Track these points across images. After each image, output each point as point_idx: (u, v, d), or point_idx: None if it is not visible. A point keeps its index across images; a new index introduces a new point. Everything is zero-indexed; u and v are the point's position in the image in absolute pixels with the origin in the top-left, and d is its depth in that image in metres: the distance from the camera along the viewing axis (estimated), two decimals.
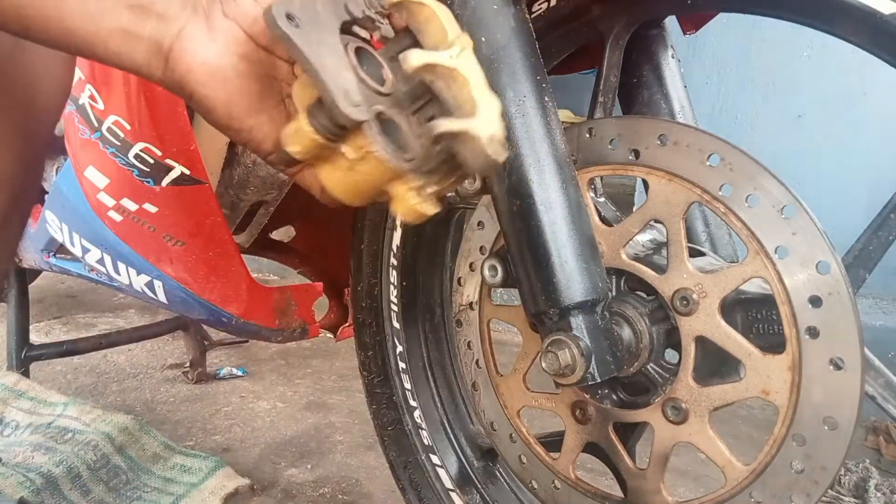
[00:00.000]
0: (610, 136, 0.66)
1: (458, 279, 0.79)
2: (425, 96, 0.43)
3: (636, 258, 0.66)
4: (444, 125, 0.41)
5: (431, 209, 0.45)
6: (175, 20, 0.44)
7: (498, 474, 0.94)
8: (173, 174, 0.94)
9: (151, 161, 0.93)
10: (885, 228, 0.61)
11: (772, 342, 0.60)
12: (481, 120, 0.41)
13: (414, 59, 0.41)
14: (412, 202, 0.44)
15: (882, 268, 0.62)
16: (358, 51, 0.44)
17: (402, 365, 0.96)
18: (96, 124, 0.95)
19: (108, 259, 1.05)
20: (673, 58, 0.81)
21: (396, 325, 0.96)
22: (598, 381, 0.60)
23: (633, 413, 0.67)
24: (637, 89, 0.80)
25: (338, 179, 0.45)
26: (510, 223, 0.62)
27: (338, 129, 0.42)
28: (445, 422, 0.96)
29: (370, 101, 0.42)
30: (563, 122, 0.63)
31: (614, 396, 0.70)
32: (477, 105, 0.41)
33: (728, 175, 0.59)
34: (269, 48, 0.46)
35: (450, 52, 0.42)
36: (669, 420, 0.64)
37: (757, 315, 0.63)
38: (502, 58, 0.60)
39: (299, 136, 0.43)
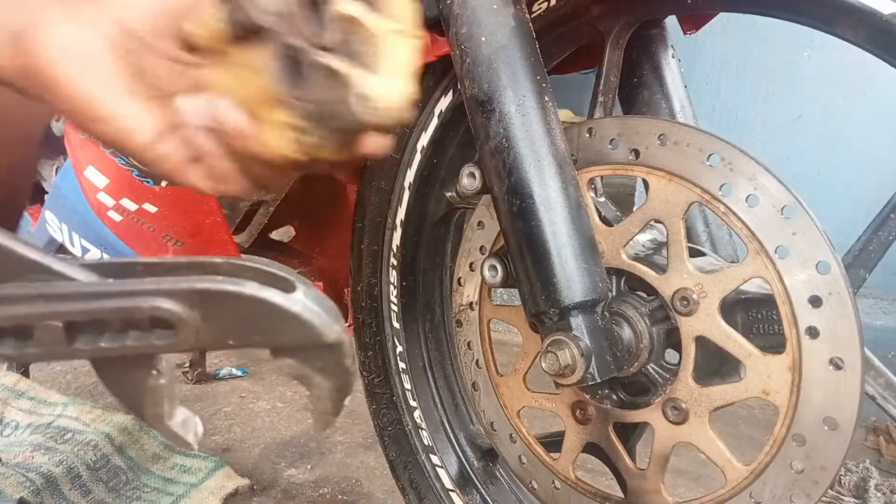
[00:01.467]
0: (610, 135, 0.66)
1: (458, 279, 0.79)
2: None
3: (636, 258, 0.66)
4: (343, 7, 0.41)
5: (288, 149, 0.44)
6: (39, 9, 0.40)
7: (498, 474, 0.94)
8: None
9: None
10: (885, 228, 0.61)
11: (772, 342, 0.60)
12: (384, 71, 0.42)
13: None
14: (273, 133, 0.43)
15: (882, 268, 0.62)
16: None
17: (402, 365, 0.96)
18: None
19: (107, 259, 1.05)
20: (673, 57, 0.81)
21: (396, 325, 0.96)
22: (598, 381, 0.60)
23: (633, 413, 0.67)
24: (637, 89, 0.80)
25: (221, 79, 0.44)
26: (510, 223, 0.62)
27: (240, 29, 0.42)
28: (445, 422, 0.96)
29: (290, 29, 0.42)
30: (563, 122, 0.63)
31: (614, 396, 0.70)
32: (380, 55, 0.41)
33: (728, 175, 0.59)
34: (147, 42, 0.42)
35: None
36: (669, 420, 0.64)
37: (757, 315, 0.63)
38: (502, 58, 0.60)
39: (206, 21, 0.43)
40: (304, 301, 0.39)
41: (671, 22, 0.80)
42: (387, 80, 0.42)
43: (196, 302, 0.39)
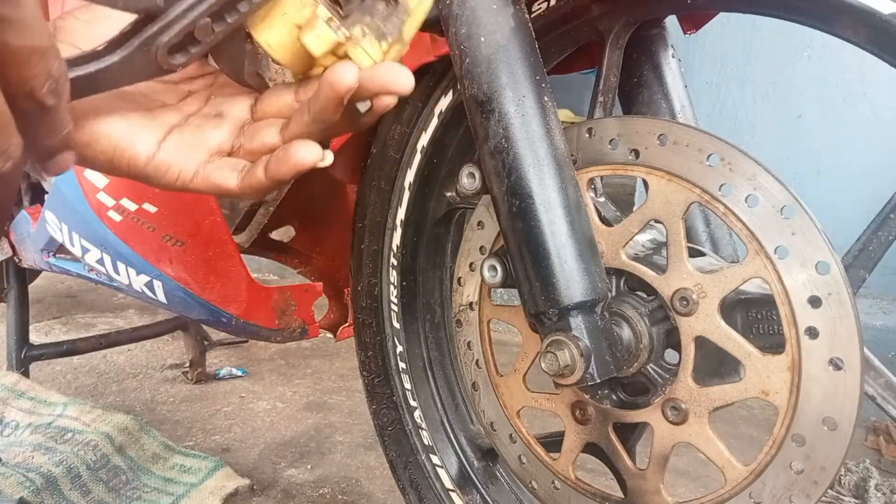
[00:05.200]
0: (610, 135, 0.66)
1: (458, 279, 0.79)
2: None
3: (636, 258, 0.66)
4: None
5: (331, 42, 0.48)
6: None
7: (498, 474, 0.94)
8: None
9: None
10: (885, 228, 0.60)
11: (771, 342, 0.60)
12: None
13: None
14: (316, 32, 0.47)
15: (882, 268, 0.62)
16: None
17: (402, 365, 0.96)
18: None
19: (107, 259, 1.05)
20: (673, 57, 0.81)
21: (396, 325, 0.96)
22: (598, 381, 0.60)
23: (632, 413, 0.67)
24: (637, 89, 0.80)
25: (262, 18, 0.48)
26: (510, 223, 0.62)
27: None
28: (445, 422, 0.96)
29: None
30: (563, 122, 0.63)
31: (614, 397, 0.70)
32: None
33: (728, 175, 0.59)
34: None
35: None
36: (669, 420, 0.64)
37: (757, 315, 0.63)
38: (502, 58, 0.60)
39: None
40: None
41: (671, 22, 0.80)
42: None
43: None
